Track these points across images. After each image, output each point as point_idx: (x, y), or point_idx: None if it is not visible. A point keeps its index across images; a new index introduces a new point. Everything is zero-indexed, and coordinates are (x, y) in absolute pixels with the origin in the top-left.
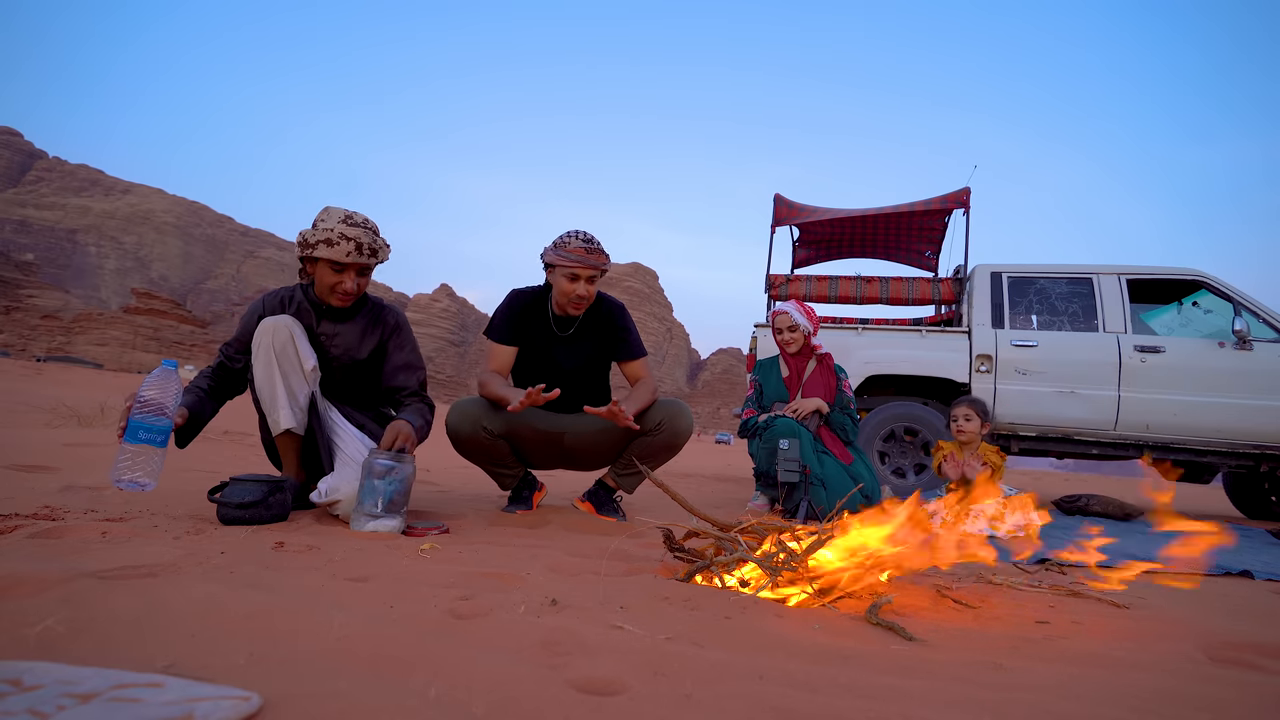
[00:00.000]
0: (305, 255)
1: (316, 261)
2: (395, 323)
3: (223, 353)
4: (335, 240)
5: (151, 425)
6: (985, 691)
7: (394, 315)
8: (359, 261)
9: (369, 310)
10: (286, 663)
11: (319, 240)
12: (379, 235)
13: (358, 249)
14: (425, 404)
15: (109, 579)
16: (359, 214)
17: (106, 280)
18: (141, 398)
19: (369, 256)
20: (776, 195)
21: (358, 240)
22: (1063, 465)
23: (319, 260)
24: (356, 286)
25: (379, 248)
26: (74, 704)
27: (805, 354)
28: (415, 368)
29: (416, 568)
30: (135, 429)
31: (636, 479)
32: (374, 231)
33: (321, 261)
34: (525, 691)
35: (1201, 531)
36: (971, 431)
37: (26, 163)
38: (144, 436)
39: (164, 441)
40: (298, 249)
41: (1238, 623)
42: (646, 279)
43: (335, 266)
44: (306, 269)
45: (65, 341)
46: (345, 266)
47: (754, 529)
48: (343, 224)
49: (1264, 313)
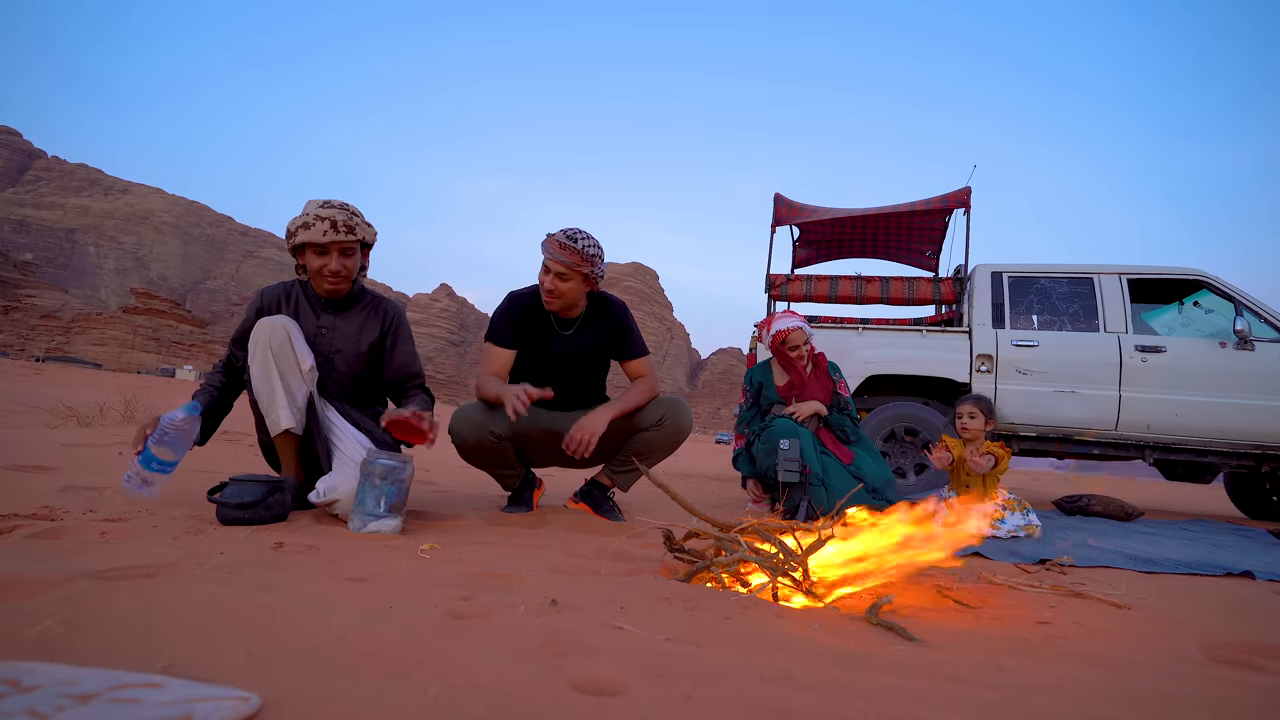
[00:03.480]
0: (292, 247)
1: (304, 251)
2: (395, 315)
3: (231, 349)
4: (311, 222)
5: (165, 461)
6: (985, 691)
7: (394, 308)
8: (338, 240)
9: (368, 303)
10: (286, 663)
11: (298, 227)
12: (358, 215)
13: (333, 226)
14: (427, 395)
15: (108, 579)
16: (338, 200)
17: (106, 280)
18: (164, 433)
19: (347, 233)
20: (777, 195)
21: (332, 219)
22: (1063, 465)
23: (305, 248)
24: (342, 267)
25: (356, 225)
26: (73, 704)
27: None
28: (416, 360)
29: (416, 568)
30: (150, 459)
31: (632, 476)
32: (352, 212)
33: (307, 249)
34: (525, 692)
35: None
36: (976, 429)
37: (25, 162)
38: (155, 467)
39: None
40: (287, 245)
41: (1238, 623)
42: (646, 279)
43: (317, 249)
44: (299, 261)
45: (64, 341)
46: (326, 247)
47: (754, 529)
48: (319, 207)
49: (1265, 312)
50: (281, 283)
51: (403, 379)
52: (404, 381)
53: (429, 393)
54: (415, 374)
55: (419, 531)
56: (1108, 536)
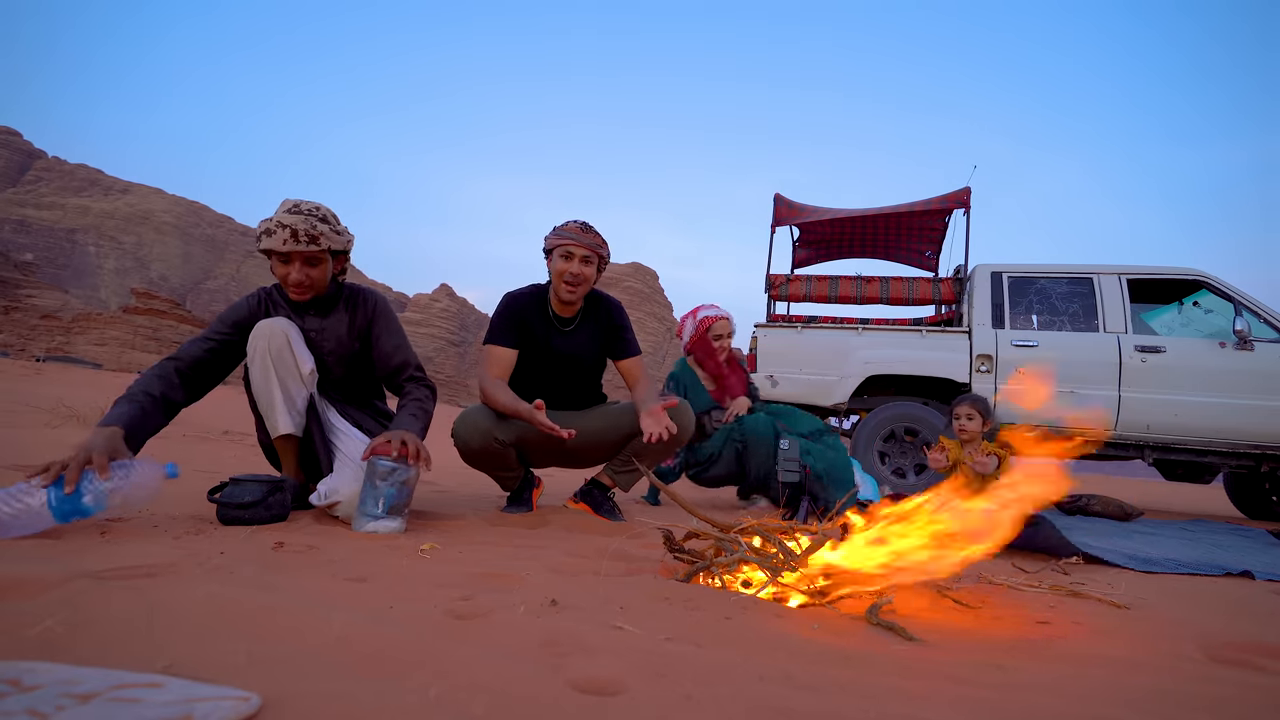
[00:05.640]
0: (260, 251)
1: (271, 257)
2: (374, 304)
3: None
4: (273, 229)
5: (87, 510)
6: (985, 691)
7: (371, 297)
8: (299, 250)
9: (347, 297)
10: (286, 663)
11: (261, 232)
12: (326, 222)
13: (294, 236)
14: (427, 388)
15: (109, 579)
16: (309, 202)
17: (106, 280)
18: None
19: (309, 243)
20: (777, 195)
21: (293, 227)
22: (1063, 465)
23: (271, 255)
24: (306, 277)
25: (320, 234)
26: (73, 704)
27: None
28: (406, 347)
29: (416, 568)
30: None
31: (633, 476)
32: (319, 218)
33: (272, 255)
34: (525, 692)
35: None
36: (974, 431)
37: (26, 163)
38: (69, 513)
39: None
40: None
41: (1238, 623)
42: (646, 279)
43: (280, 257)
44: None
45: (65, 341)
46: (289, 256)
47: (754, 529)
48: (284, 213)
49: (1265, 313)
50: (258, 290)
51: (394, 370)
52: (397, 374)
53: (428, 385)
54: (406, 364)
55: (419, 531)
56: (1107, 536)
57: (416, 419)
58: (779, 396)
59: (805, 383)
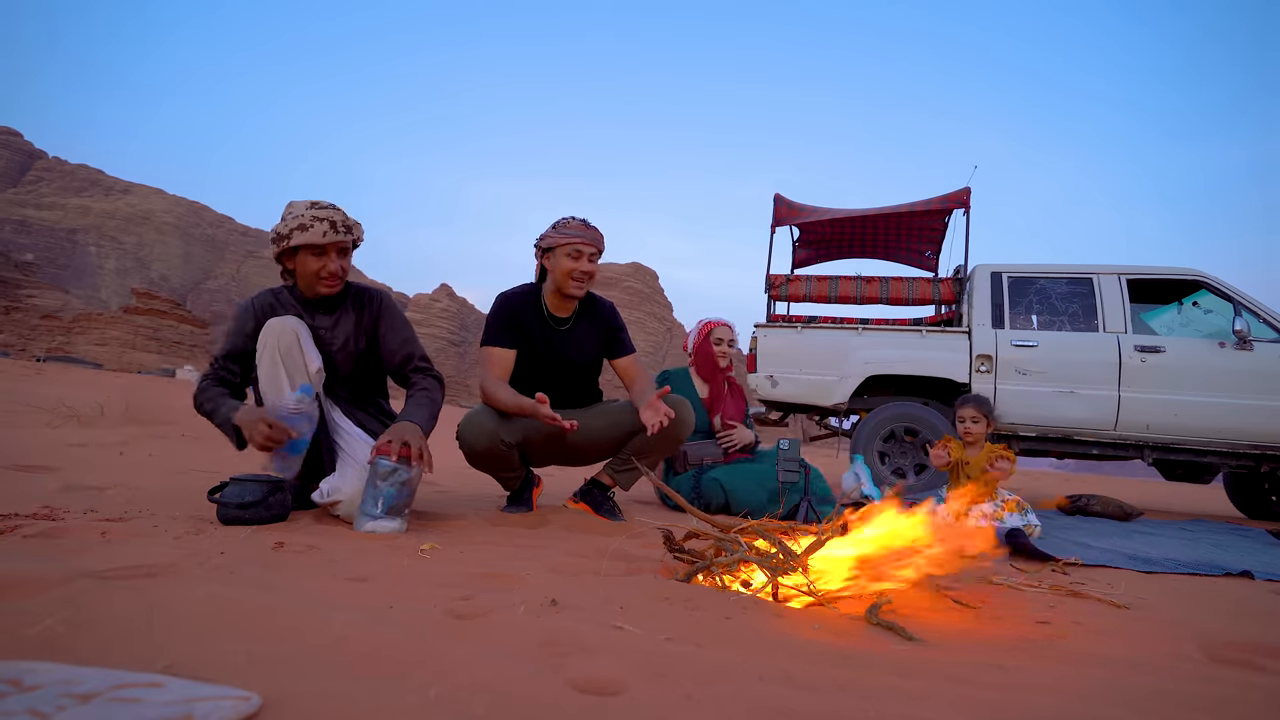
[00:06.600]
0: (283, 249)
1: (296, 253)
2: (380, 302)
3: (216, 366)
4: (309, 224)
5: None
6: (985, 691)
7: (377, 295)
8: (337, 240)
9: (353, 296)
10: (286, 662)
11: (293, 229)
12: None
13: (333, 227)
14: (434, 379)
15: (109, 579)
16: (323, 200)
17: (106, 280)
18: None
19: (345, 233)
20: (776, 195)
21: (330, 219)
22: (1063, 465)
23: (299, 250)
24: (340, 268)
25: (353, 224)
26: (74, 704)
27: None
28: (413, 340)
29: (416, 568)
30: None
31: (633, 475)
32: (343, 212)
33: (301, 250)
34: (525, 691)
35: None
36: (979, 433)
37: (26, 163)
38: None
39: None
40: (273, 247)
41: (1238, 623)
42: (646, 279)
43: (315, 250)
44: (286, 265)
45: (65, 341)
46: (325, 248)
47: (754, 529)
48: (311, 209)
49: (1264, 313)
50: (264, 292)
51: (403, 362)
52: (405, 365)
53: (435, 375)
54: (412, 355)
55: (420, 531)
56: (1107, 537)
57: (423, 407)
58: (779, 396)
59: (805, 383)
